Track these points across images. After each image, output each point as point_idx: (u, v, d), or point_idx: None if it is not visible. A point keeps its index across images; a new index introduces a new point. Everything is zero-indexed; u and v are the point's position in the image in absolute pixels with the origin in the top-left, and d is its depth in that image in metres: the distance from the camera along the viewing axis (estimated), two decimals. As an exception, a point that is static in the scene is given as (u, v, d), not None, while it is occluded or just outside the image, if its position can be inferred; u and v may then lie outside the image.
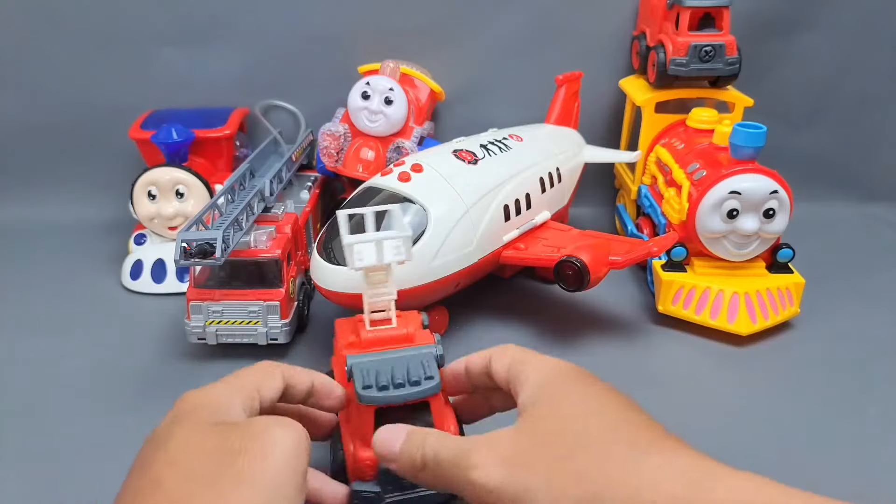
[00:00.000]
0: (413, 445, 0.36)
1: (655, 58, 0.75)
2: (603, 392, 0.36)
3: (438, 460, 0.35)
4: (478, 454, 0.34)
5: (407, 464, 0.36)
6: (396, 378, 0.40)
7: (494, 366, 0.40)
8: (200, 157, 0.80)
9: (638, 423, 0.34)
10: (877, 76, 0.89)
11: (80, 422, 0.54)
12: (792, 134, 0.90)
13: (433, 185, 0.61)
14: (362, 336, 0.43)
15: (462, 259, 0.61)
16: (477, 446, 0.34)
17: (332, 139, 0.78)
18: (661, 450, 0.32)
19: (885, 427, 0.54)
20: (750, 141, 0.62)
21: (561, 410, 0.34)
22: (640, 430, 0.33)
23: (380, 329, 0.44)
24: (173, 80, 0.86)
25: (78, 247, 0.82)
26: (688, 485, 0.29)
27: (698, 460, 0.31)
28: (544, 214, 0.70)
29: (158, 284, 0.73)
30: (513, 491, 0.32)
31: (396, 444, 0.37)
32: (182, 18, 0.83)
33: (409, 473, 0.37)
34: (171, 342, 0.64)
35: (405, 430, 0.37)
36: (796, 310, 0.66)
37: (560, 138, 0.79)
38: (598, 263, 0.60)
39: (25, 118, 0.87)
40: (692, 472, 0.30)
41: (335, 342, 0.47)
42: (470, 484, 0.33)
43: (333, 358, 0.49)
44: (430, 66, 0.84)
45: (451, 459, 0.34)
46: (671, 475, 0.30)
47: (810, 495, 0.29)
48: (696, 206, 0.64)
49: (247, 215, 0.62)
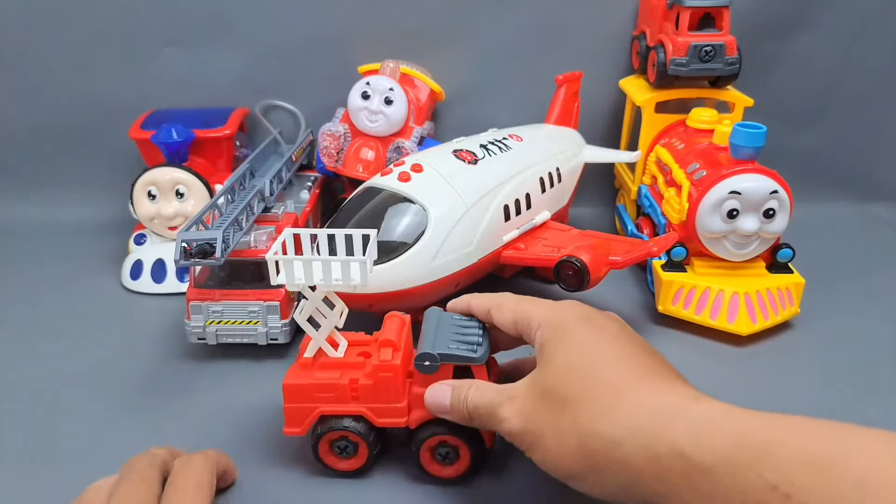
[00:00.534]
0: (458, 400, 0.43)
1: (655, 58, 0.75)
2: (600, 336, 0.41)
3: (479, 413, 0.42)
4: (502, 409, 0.40)
5: (457, 416, 0.44)
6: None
7: (498, 318, 0.46)
8: (200, 157, 0.80)
9: (628, 362, 0.39)
10: (877, 76, 0.89)
11: (80, 422, 0.54)
12: (792, 134, 0.90)
13: (433, 185, 0.61)
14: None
15: (462, 259, 0.61)
16: (502, 401, 0.41)
17: (332, 139, 0.78)
18: (640, 388, 0.37)
19: (885, 427, 0.54)
20: (750, 141, 0.62)
21: (563, 362, 0.39)
22: (626, 371, 0.38)
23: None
24: (173, 80, 0.86)
25: (78, 247, 0.82)
26: (652, 418, 0.34)
27: (672, 396, 0.36)
28: (544, 214, 0.70)
29: (158, 284, 0.73)
30: (530, 438, 0.39)
31: (446, 399, 0.44)
32: (182, 18, 0.83)
33: (462, 422, 0.44)
34: (171, 342, 0.64)
35: (450, 386, 0.44)
36: (796, 310, 0.66)
37: (560, 138, 0.79)
38: (598, 263, 0.60)
39: (25, 118, 0.88)
40: (661, 409, 0.35)
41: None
42: (502, 431, 0.41)
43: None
44: (430, 66, 0.84)
45: (487, 412, 0.41)
46: (642, 412, 0.35)
47: (782, 415, 0.31)
48: (696, 206, 0.64)
49: (247, 215, 0.62)
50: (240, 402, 0.56)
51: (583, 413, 0.37)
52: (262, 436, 0.52)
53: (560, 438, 0.37)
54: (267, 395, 0.57)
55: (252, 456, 0.50)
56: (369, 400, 0.46)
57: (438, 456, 0.47)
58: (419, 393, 0.46)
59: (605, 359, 0.39)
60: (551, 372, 0.39)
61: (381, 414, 0.46)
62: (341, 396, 0.46)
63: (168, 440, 0.50)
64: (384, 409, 0.46)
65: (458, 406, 0.43)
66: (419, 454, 0.47)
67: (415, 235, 0.58)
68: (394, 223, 0.59)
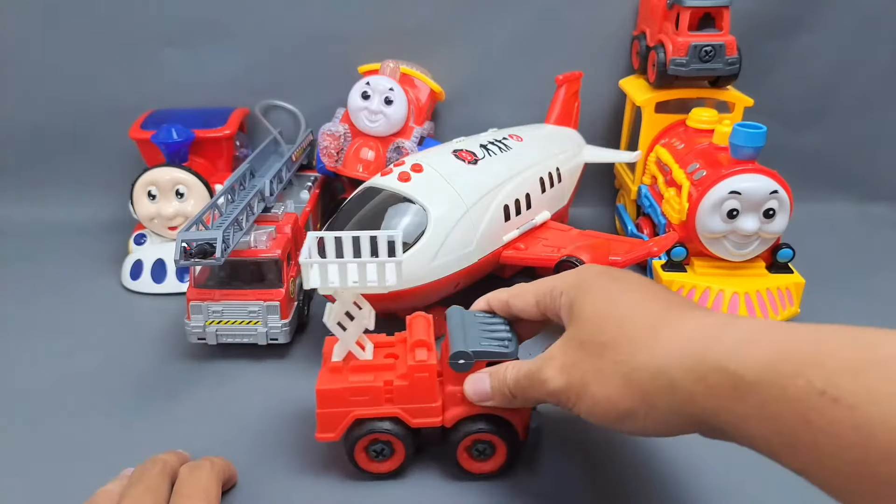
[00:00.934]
0: (499, 381, 0.44)
1: (655, 58, 0.75)
2: (623, 284, 0.42)
3: (521, 385, 0.43)
4: (543, 371, 0.41)
5: (500, 398, 0.44)
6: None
7: (518, 304, 0.47)
8: (200, 157, 0.80)
9: (656, 300, 0.40)
10: (877, 76, 0.89)
11: (80, 422, 0.54)
12: (792, 134, 0.90)
13: (433, 185, 0.61)
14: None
15: (462, 259, 0.61)
16: (541, 364, 0.42)
17: (332, 139, 0.78)
18: (674, 319, 0.37)
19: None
20: (750, 141, 0.62)
21: (593, 312, 0.41)
22: (656, 307, 0.39)
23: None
24: (173, 80, 0.86)
25: (78, 247, 0.82)
26: (692, 342, 0.35)
27: (708, 319, 0.36)
28: (544, 214, 0.70)
29: (158, 284, 0.73)
30: (575, 390, 0.39)
31: (486, 385, 0.45)
32: (182, 18, 0.83)
33: (505, 403, 0.45)
34: (171, 342, 0.64)
35: (487, 373, 0.45)
36: (796, 310, 0.66)
37: (560, 138, 0.79)
38: (598, 263, 0.60)
39: (25, 118, 0.87)
40: (700, 332, 0.35)
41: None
42: (548, 394, 0.41)
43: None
44: (430, 66, 0.84)
45: (528, 381, 0.42)
46: (681, 338, 0.36)
47: (819, 325, 0.32)
48: (696, 206, 0.64)
49: (247, 215, 0.62)
50: (240, 402, 0.56)
51: (622, 353, 0.37)
52: (263, 436, 0.52)
53: (605, 381, 0.38)
54: (267, 395, 0.57)
55: (252, 456, 0.50)
56: (404, 401, 0.46)
57: (475, 452, 0.47)
58: (453, 391, 0.46)
59: (634, 301, 0.40)
60: (583, 325, 0.40)
61: (417, 414, 0.46)
62: (376, 399, 0.46)
63: (168, 440, 0.50)
64: (419, 409, 0.46)
65: (499, 387, 0.44)
66: (456, 452, 0.47)
67: (415, 235, 0.58)
68: (394, 223, 0.59)
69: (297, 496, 0.47)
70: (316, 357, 0.62)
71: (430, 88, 0.81)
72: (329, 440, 0.47)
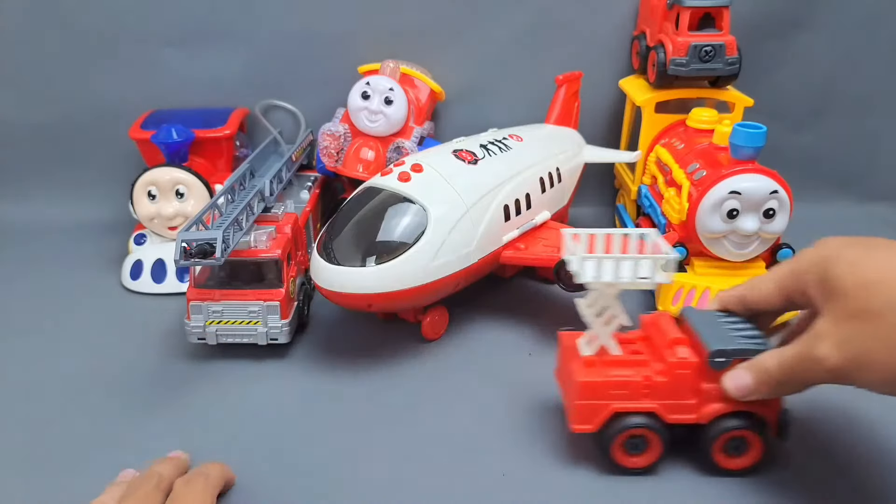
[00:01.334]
0: (761, 371, 0.44)
1: (655, 58, 0.75)
2: (876, 250, 0.42)
3: (791, 370, 0.42)
4: (817, 350, 0.40)
5: (766, 388, 0.44)
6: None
7: (755, 296, 0.47)
8: (200, 157, 0.80)
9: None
10: (877, 76, 0.89)
11: (80, 422, 0.54)
12: (792, 134, 0.90)
13: (433, 186, 0.61)
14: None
15: (462, 259, 0.61)
16: (811, 344, 0.40)
17: (332, 139, 0.78)
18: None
19: (884, 427, 0.54)
20: (750, 141, 0.62)
21: (856, 282, 0.40)
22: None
23: None
24: (173, 80, 0.86)
25: (78, 247, 0.82)
26: None
27: None
28: (544, 214, 0.70)
29: (158, 284, 0.73)
30: (856, 363, 0.39)
31: (747, 379, 0.44)
32: (182, 19, 0.83)
33: (771, 393, 0.44)
34: (171, 342, 0.64)
35: (744, 368, 0.45)
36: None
37: (560, 138, 0.79)
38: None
39: (25, 118, 0.88)
40: None
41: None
42: (826, 371, 0.40)
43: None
44: (430, 66, 0.84)
45: (800, 363, 0.41)
46: None
47: None
48: (696, 206, 0.64)
49: (247, 215, 0.62)
50: (240, 403, 0.56)
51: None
52: (262, 436, 0.52)
53: (892, 346, 0.37)
54: (267, 395, 0.57)
55: (252, 456, 0.50)
56: (662, 397, 0.47)
57: (730, 448, 0.48)
58: (708, 389, 0.46)
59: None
60: (850, 297, 0.40)
61: (673, 410, 0.47)
62: (634, 393, 0.47)
63: (167, 440, 0.50)
64: (676, 405, 0.47)
65: (762, 377, 0.44)
66: (711, 448, 0.47)
67: (415, 235, 0.58)
68: (394, 223, 0.59)
69: (298, 496, 0.47)
70: (316, 357, 0.62)
71: (430, 88, 0.81)
72: (586, 431, 0.48)
